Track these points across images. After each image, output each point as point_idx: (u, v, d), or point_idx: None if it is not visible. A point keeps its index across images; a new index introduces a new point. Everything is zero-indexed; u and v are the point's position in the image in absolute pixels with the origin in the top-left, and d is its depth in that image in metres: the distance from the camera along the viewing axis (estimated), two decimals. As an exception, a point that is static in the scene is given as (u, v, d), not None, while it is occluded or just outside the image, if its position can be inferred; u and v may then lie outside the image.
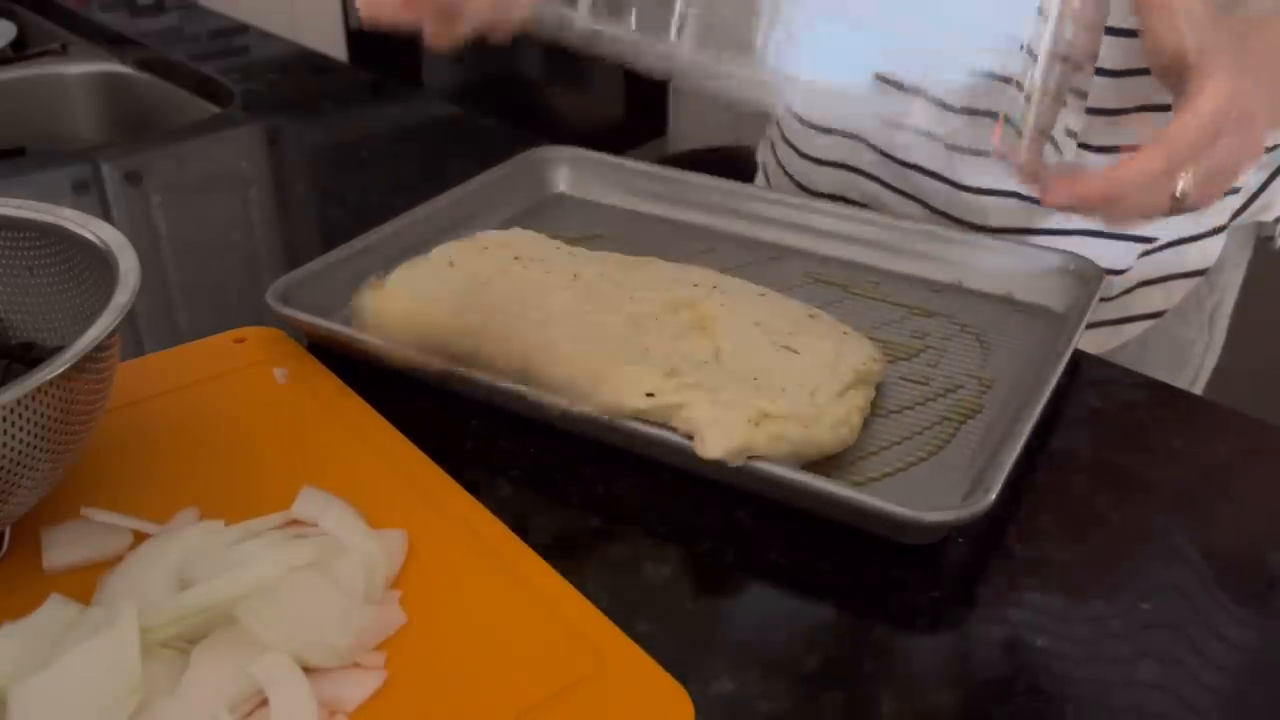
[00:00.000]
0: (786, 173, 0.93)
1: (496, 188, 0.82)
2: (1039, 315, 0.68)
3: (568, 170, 0.85)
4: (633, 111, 2.46)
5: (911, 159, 0.82)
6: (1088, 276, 0.68)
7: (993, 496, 0.50)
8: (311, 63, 1.12)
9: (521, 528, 0.51)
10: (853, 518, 0.52)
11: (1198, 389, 0.87)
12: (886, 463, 0.57)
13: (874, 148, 0.84)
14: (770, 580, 0.51)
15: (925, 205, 0.83)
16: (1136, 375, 0.66)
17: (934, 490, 0.55)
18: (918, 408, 0.61)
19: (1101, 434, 0.61)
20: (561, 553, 0.50)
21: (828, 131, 0.87)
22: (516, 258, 0.69)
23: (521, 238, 0.72)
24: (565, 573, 0.49)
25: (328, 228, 0.73)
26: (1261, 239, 0.86)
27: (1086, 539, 0.54)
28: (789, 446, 0.54)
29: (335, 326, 0.63)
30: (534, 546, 0.50)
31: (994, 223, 0.80)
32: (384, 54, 1.79)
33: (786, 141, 0.92)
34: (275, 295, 0.65)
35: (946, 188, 0.81)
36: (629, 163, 0.85)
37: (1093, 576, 0.52)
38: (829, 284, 0.72)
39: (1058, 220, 0.79)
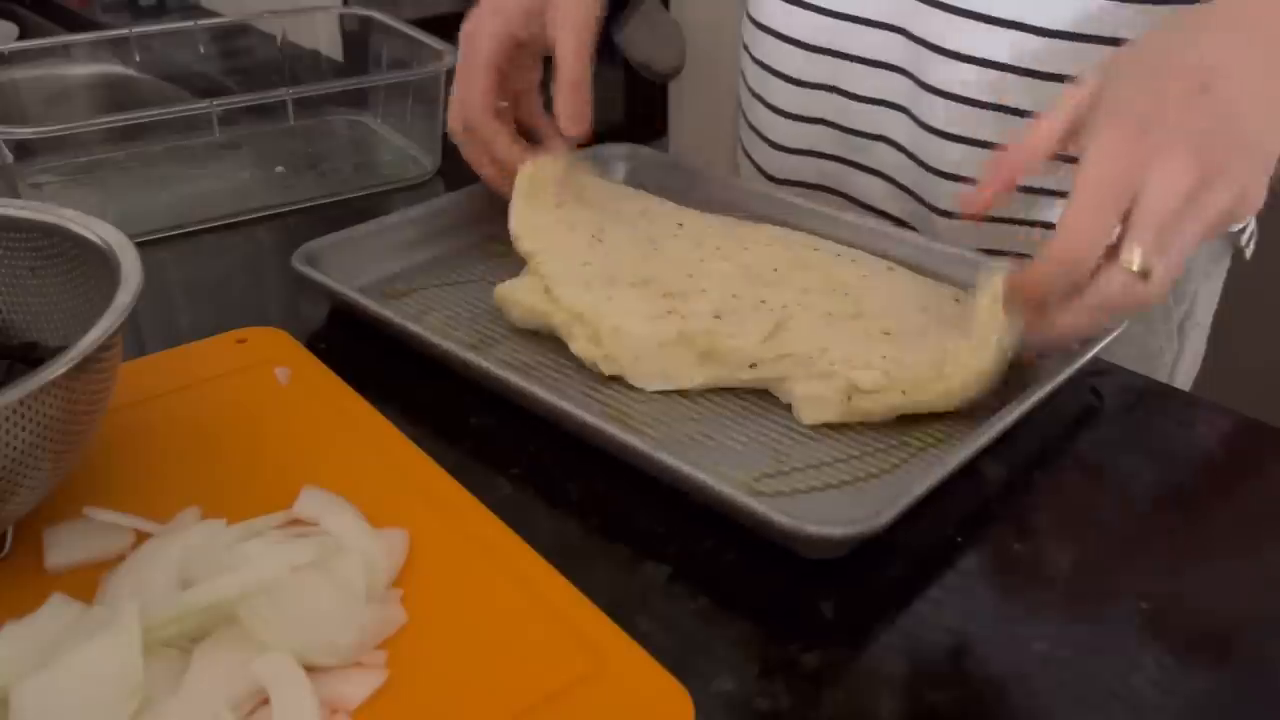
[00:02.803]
0: (753, 161, 0.92)
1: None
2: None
3: (623, 166, 0.86)
4: (633, 111, 2.46)
5: (877, 130, 0.82)
6: None
7: (883, 522, 0.49)
8: (311, 64, 1.12)
9: (521, 527, 0.51)
10: (754, 525, 0.51)
11: None
12: (832, 476, 0.56)
13: (834, 125, 0.84)
14: (770, 579, 0.51)
15: (891, 181, 0.83)
16: (1135, 375, 0.66)
17: (868, 505, 0.53)
18: (883, 427, 0.60)
19: (1100, 434, 0.62)
20: (561, 552, 0.50)
21: (792, 117, 0.86)
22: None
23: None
24: (565, 572, 0.49)
25: (331, 228, 0.73)
26: (1237, 249, 0.85)
27: (1084, 538, 0.54)
28: (885, 410, 0.59)
29: (356, 296, 0.66)
30: (534, 546, 0.50)
31: (953, 206, 0.80)
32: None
33: (752, 128, 0.91)
34: (301, 259, 0.67)
35: (913, 165, 0.81)
36: (685, 161, 0.84)
37: (1091, 576, 0.52)
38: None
39: (1017, 209, 0.78)
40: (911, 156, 0.81)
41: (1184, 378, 0.86)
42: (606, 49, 0.73)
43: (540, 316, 0.66)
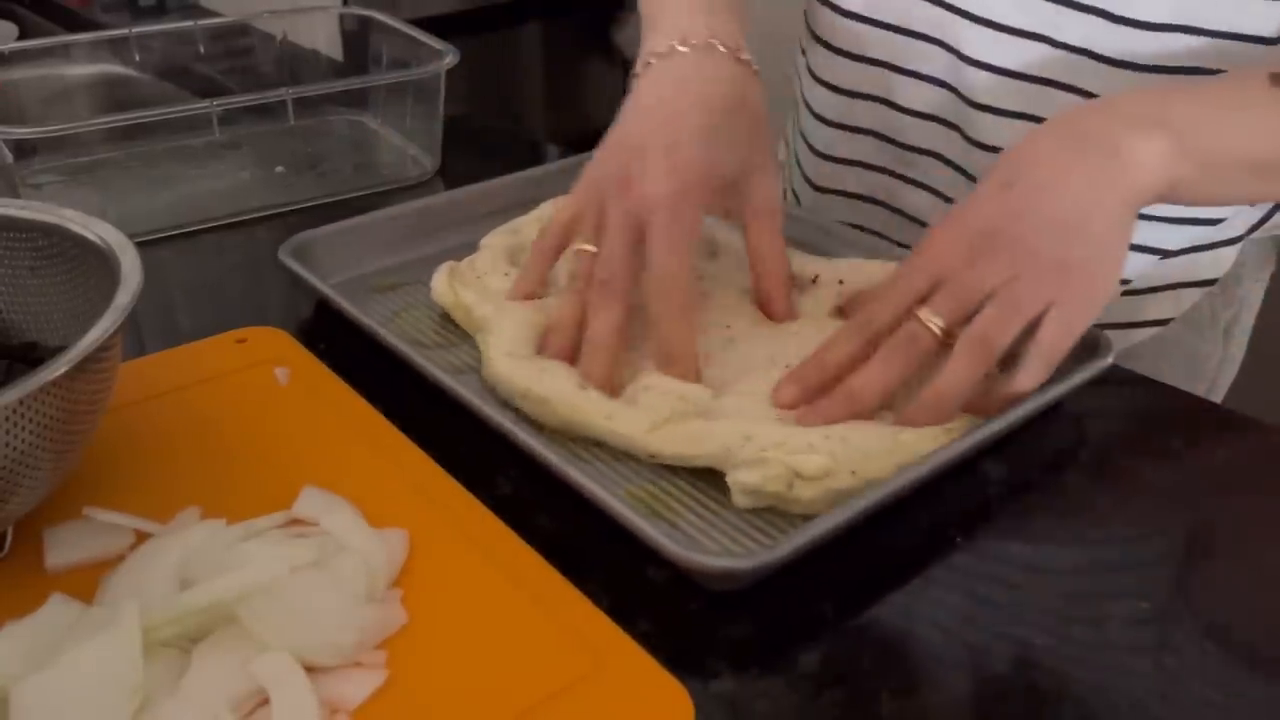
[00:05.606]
0: (802, 171, 0.92)
1: (552, 181, 0.80)
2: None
3: None
4: (633, 111, 2.46)
5: (928, 145, 0.81)
6: (1098, 349, 0.61)
7: (768, 559, 0.48)
8: (311, 63, 1.12)
9: (521, 528, 0.51)
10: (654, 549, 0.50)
11: (1215, 400, 0.85)
12: None
13: (883, 137, 0.83)
14: (769, 579, 0.51)
15: (941, 196, 0.82)
16: (1136, 375, 0.66)
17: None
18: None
19: (1101, 434, 0.61)
20: (561, 553, 0.50)
21: (837, 126, 0.86)
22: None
23: None
24: (565, 573, 0.49)
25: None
26: None
27: (1086, 539, 0.54)
28: (830, 498, 0.52)
29: (341, 300, 0.66)
30: (534, 546, 0.50)
31: None
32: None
33: (802, 136, 0.91)
34: (288, 251, 0.68)
35: (964, 181, 0.79)
36: None
37: (1092, 576, 0.52)
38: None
39: None
40: (961, 172, 0.79)
41: (1225, 380, 0.86)
42: (607, 49, 0.73)
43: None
